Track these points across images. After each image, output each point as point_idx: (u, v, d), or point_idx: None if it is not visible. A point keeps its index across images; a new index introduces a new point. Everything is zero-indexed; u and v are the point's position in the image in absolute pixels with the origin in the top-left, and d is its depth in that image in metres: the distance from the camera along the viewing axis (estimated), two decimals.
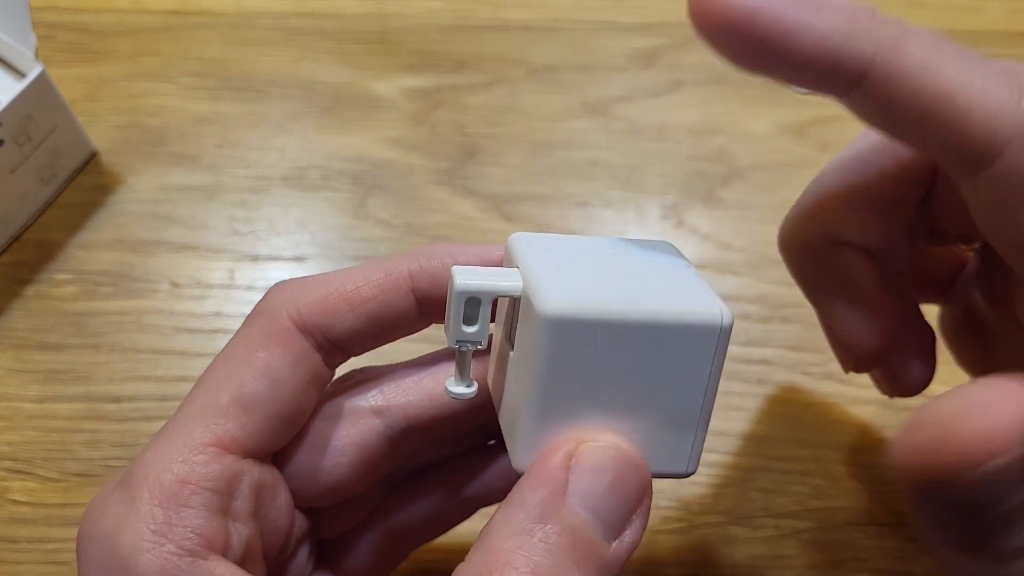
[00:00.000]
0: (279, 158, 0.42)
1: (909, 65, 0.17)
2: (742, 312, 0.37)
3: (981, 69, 0.18)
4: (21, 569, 0.31)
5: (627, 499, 0.18)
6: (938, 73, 0.17)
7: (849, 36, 0.17)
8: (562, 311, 0.17)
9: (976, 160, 0.18)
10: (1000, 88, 0.17)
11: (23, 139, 0.37)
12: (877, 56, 0.17)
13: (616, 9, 0.47)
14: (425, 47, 0.45)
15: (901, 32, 0.18)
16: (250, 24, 0.46)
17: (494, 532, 0.17)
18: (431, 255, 0.21)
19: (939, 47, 0.18)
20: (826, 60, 0.17)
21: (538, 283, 0.18)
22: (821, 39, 0.17)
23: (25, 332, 0.36)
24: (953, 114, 0.17)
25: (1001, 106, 0.17)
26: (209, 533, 0.18)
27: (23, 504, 0.32)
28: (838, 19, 0.17)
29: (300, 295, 0.21)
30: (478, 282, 0.19)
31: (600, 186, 0.41)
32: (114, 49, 0.45)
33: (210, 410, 0.20)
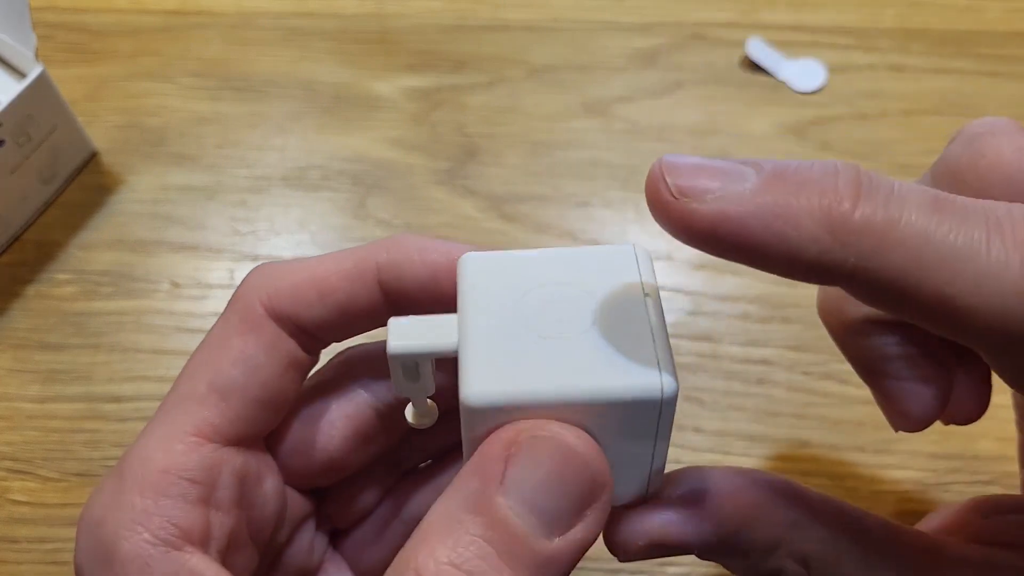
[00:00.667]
0: (279, 158, 0.42)
1: (897, 267, 0.15)
2: (742, 312, 0.37)
3: (988, 245, 0.15)
4: (21, 569, 0.31)
5: (570, 494, 0.17)
6: (934, 270, 0.15)
7: (824, 245, 0.15)
8: (481, 400, 0.17)
9: (997, 347, 0.16)
10: (1014, 270, 0.15)
11: (23, 139, 0.37)
12: (858, 267, 0.16)
13: (616, 9, 0.47)
14: (425, 47, 0.45)
15: (890, 223, 0.15)
16: (250, 24, 0.46)
17: (428, 518, 0.17)
18: (400, 249, 0.21)
19: (937, 229, 0.15)
20: (803, 268, 0.16)
21: (466, 356, 0.18)
22: (791, 253, 0.16)
23: (25, 332, 0.36)
24: (960, 313, 0.16)
25: (1015, 295, 0.15)
26: (186, 524, 0.19)
27: (23, 504, 0.32)
28: (810, 225, 0.15)
29: (272, 281, 0.21)
30: (411, 344, 0.18)
31: (600, 186, 0.41)
32: (114, 49, 0.45)
33: (189, 398, 0.20)
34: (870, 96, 0.44)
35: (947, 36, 0.46)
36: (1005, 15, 0.46)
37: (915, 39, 0.46)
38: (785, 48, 0.45)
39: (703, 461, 0.33)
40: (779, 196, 0.15)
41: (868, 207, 0.15)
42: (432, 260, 0.21)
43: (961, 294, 0.15)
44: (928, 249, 0.15)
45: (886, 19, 0.47)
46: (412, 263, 0.21)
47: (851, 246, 0.15)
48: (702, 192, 0.16)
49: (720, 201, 0.15)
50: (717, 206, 0.15)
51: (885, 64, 0.45)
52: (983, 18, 0.46)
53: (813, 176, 0.16)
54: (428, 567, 0.16)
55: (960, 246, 0.15)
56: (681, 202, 0.16)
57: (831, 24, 0.46)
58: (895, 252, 0.15)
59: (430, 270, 0.21)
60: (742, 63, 0.45)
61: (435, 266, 0.20)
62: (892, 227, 0.15)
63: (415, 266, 0.21)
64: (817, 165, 0.16)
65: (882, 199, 0.15)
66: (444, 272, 0.20)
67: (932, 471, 0.33)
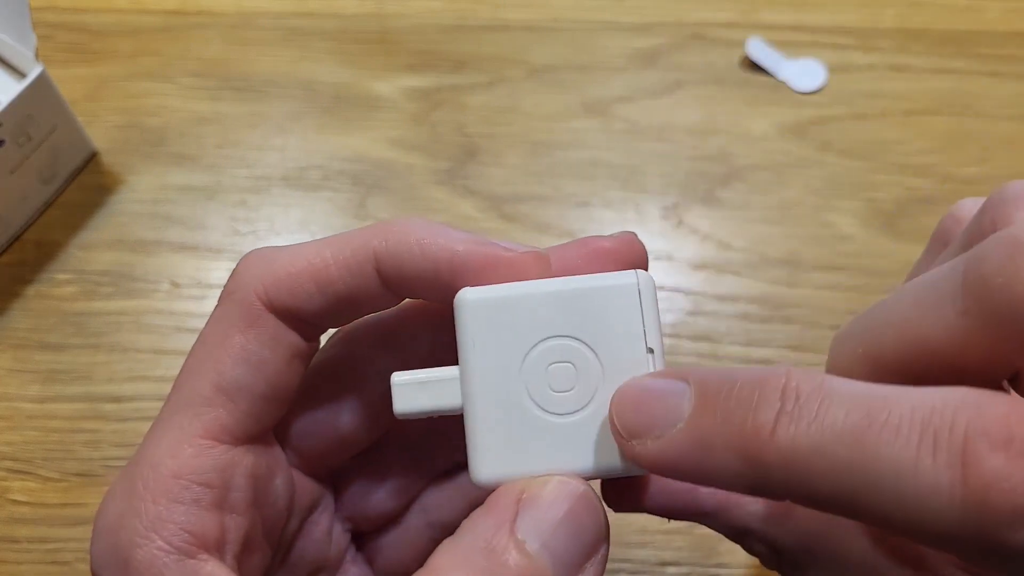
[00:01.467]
0: (279, 158, 0.42)
1: (822, 495, 0.15)
2: (742, 312, 0.37)
3: (918, 461, 0.14)
4: (21, 569, 0.31)
5: (581, 537, 0.17)
6: (859, 496, 0.15)
7: (749, 482, 0.16)
8: (491, 479, 0.18)
9: (942, 548, 0.16)
10: (944, 490, 0.14)
11: (23, 139, 0.37)
12: (787, 493, 0.16)
13: (616, 9, 0.47)
14: (425, 47, 0.45)
15: (811, 450, 0.15)
16: (250, 24, 0.46)
17: (439, 558, 0.17)
18: (400, 239, 0.20)
19: (863, 450, 0.15)
20: (742, 492, 0.16)
21: (473, 435, 0.18)
22: (727, 485, 0.16)
23: (25, 332, 0.36)
24: (900, 531, 0.15)
25: (947, 513, 0.14)
26: (200, 530, 0.18)
27: (23, 504, 0.32)
28: (731, 460, 0.16)
29: (268, 272, 0.20)
30: (416, 406, 0.19)
31: (600, 186, 0.41)
32: (114, 49, 0.45)
33: (194, 400, 0.19)
34: (870, 96, 0.44)
35: (947, 36, 0.46)
36: (1005, 15, 0.46)
37: (915, 39, 0.46)
38: (785, 48, 0.45)
39: None
40: (705, 431, 0.16)
41: (787, 433, 0.15)
42: (433, 254, 0.20)
43: (893, 516, 0.15)
44: (852, 475, 0.15)
45: (886, 19, 0.47)
46: (412, 256, 0.20)
47: (773, 477, 0.15)
48: (645, 431, 0.17)
49: (657, 442, 0.17)
50: (655, 447, 0.17)
51: (885, 64, 0.45)
52: (983, 18, 0.46)
53: (737, 398, 0.16)
54: None
55: (886, 469, 0.14)
56: (631, 444, 0.17)
57: (831, 24, 0.46)
58: (819, 480, 0.15)
59: (430, 265, 0.20)
60: (742, 63, 0.45)
61: (436, 261, 0.20)
62: (813, 455, 0.15)
63: (415, 259, 0.20)
64: (745, 381, 0.16)
65: (804, 420, 0.15)
66: (445, 267, 0.20)
67: None
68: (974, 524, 0.14)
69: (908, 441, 0.15)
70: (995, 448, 0.14)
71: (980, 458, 0.14)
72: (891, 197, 0.41)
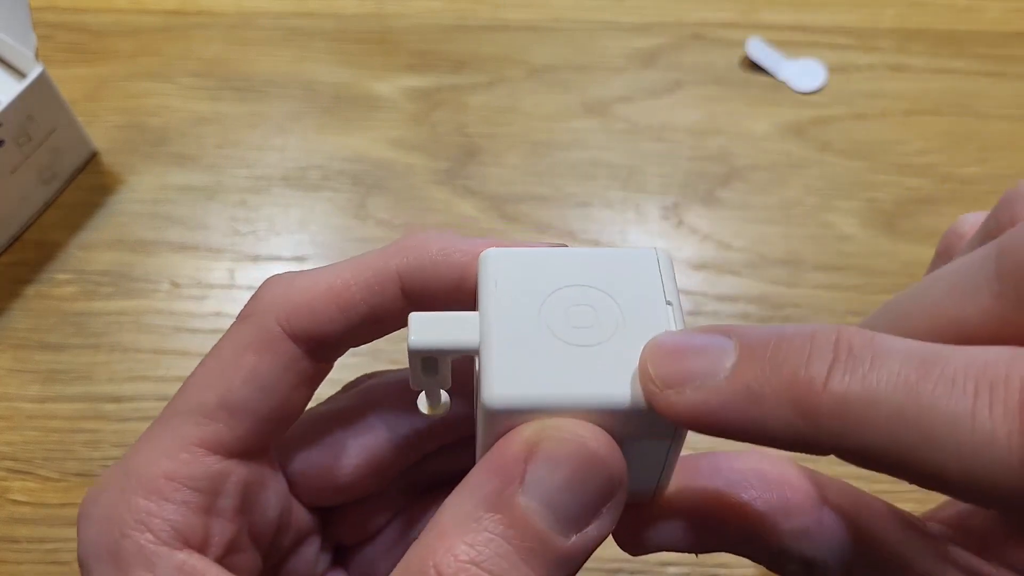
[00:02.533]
0: (279, 158, 0.42)
1: (876, 446, 0.15)
2: (742, 312, 0.37)
3: (974, 412, 0.14)
4: (21, 569, 0.31)
5: (589, 493, 0.17)
6: (915, 449, 0.15)
7: (798, 429, 0.15)
8: (502, 402, 0.17)
9: (999, 507, 0.16)
10: (1001, 441, 0.14)
11: (23, 139, 0.37)
12: (837, 447, 0.15)
13: (616, 9, 0.47)
14: (425, 47, 0.45)
15: (864, 402, 0.15)
16: (250, 24, 0.46)
17: (444, 514, 0.17)
18: (421, 251, 0.20)
19: (917, 400, 0.15)
20: (784, 447, 0.16)
21: (487, 358, 0.18)
22: (768, 437, 0.16)
23: (25, 332, 0.36)
24: (951, 487, 0.15)
25: (1004, 466, 0.14)
26: (186, 529, 0.19)
27: (23, 504, 0.32)
28: (781, 411, 0.15)
29: (289, 298, 0.20)
30: (432, 340, 0.18)
31: (600, 186, 0.41)
32: (114, 49, 0.45)
33: (197, 410, 0.20)
34: (870, 96, 0.44)
35: (947, 36, 0.46)
36: (1005, 15, 0.46)
37: (915, 39, 0.46)
38: (785, 48, 0.45)
39: None
40: (752, 381, 0.16)
41: (841, 383, 0.15)
42: (457, 261, 0.20)
43: (947, 469, 0.15)
44: (907, 427, 0.15)
45: (886, 19, 0.47)
46: (436, 266, 0.20)
47: (824, 429, 0.15)
48: (682, 381, 0.16)
49: (698, 392, 0.16)
50: (695, 397, 0.16)
51: (885, 64, 0.45)
52: (983, 18, 0.46)
53: (788, 350, 0.16)
54: (448, 565, 0.16)
55: (941, 420, 0.14)
56: (664, 394, 0.16)
57: (831, 24, 0.46)
58: (872, 432, 0.15)
59: (456, 272, 0.20)
60: (742, 63, 0.45)
61: (461, 267, 0.20)
62: (867, 406, 0.15)
63: (439, 268, 0.20)
64: (794, 334, 0.16)
65: (859, 371, 0.15)
66: (471, 272, 0.20)
67: None
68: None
69: (964, 392, 0.14)
70: None
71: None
72: (891, 197, 0.41)
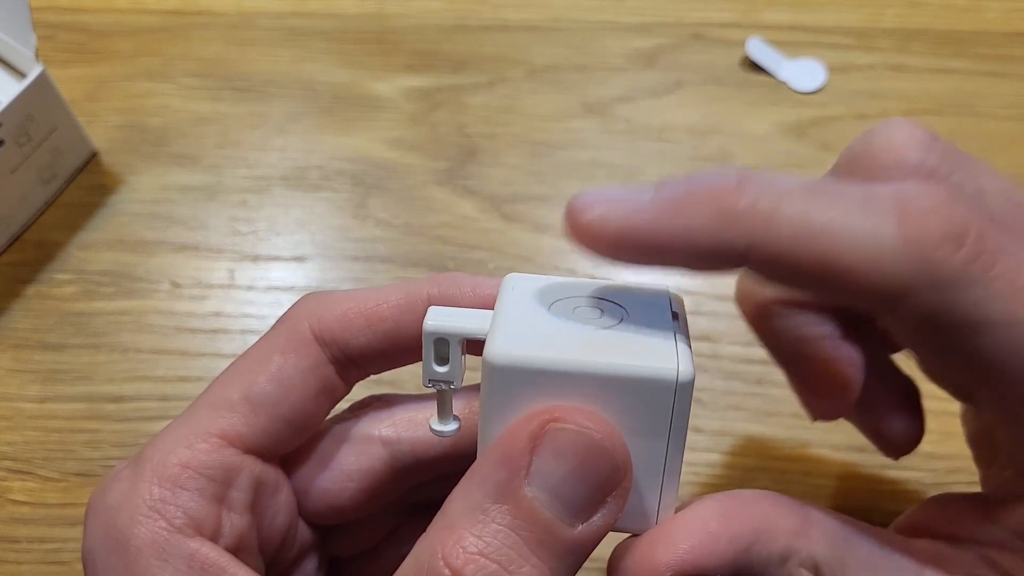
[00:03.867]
0: (279, 158, 0.42)
1: (784, 241, 0.17)
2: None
3: (864, 213, 0.17)
4: (21, 569, 0.31)
5: (594, 483, 0.17)
6: (816, 238, 0.17)
7: (717, 231, 0.18)
8: (504, 360, 0.18)
9: (885, 305, 0.18)
10: (887, 230, 0.17)
11: (23, 139, 0.37)
12: (752, 242, 0.18)
13: (616, 9, 0.47)
14: (425, 47, 0.45)
15: (772, 204, 0.18)
16: (250, 24, 0.46)
17: (451, 505, 0.17)
18: (452, 283, 0.21)
19: (814, 207, 0.18)
20: (706, 256, 0.18)
21: (496, 328, 0.18)
22: (695, 241, 0.18)
23: (25, 332, 0.36)
24: (845, 275, 0.17)
25: (891, 252, 0.17)
26: (200, 516, 0.19)
27: (23, 504, 0.32)
28: (703, 217, 0.18)
29: (323, 307, 0.21)
30: (445, 323, 0.19)
31: (600, 186, 0.41)
32: (114, 49, 0.45)
33: (220, 403, 0.20)
34: (870, 96, 0.44)
35: (947, 36, 0.46)
36: (1005, 15, 0.46)
37: (915, 39, 0.46)
38: (785, 48, 0.45)
39: (703, 461, 0.33)
40: (674, 199, 0.18)
41: (751, 195, 0.18)
42: (485, 294, 0.21)
43: (842, 258, 0.17)
44: (808, 222, 0.17)
45: (886, 19, 0.47)
46: (465, 297, 0.21)
47: (740, 229, 0.18)
48: (609, 208, 0.18)
49: (624, 209, 0.18)
50: (622, 214, 0.18)
51: (885, 64, 0.45)
52: (983, 18, 0.46)
53: (701, 179, 0.18)
54: (457, 556, 0.16)
55: (837, 217, 0.17)
56: (589, 221, 0.18)
57: (831, 24, 0.46)
58: (780, 229, 0.17)
59: (483, 303, 0.21)
60: (742, 63, 0.45)
61: (488, 299, 0.21)
62: (775, 209, 0.17)
63: (467, 300, 0.21)
64: (705, 172, 0.18)
65: (764, 188, 0.18)
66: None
67: (931, 471, 0.33)
68: (914, 256, 0.17)
69: (852, 199, 0.18)
70: (922, 195, 0.17)
71: (912, 203, 0.17)
72: None
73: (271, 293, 0.38)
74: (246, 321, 0.37)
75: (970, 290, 0.17)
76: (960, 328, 0.18)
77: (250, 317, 0.37)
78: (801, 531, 0.20)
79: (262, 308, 0.37)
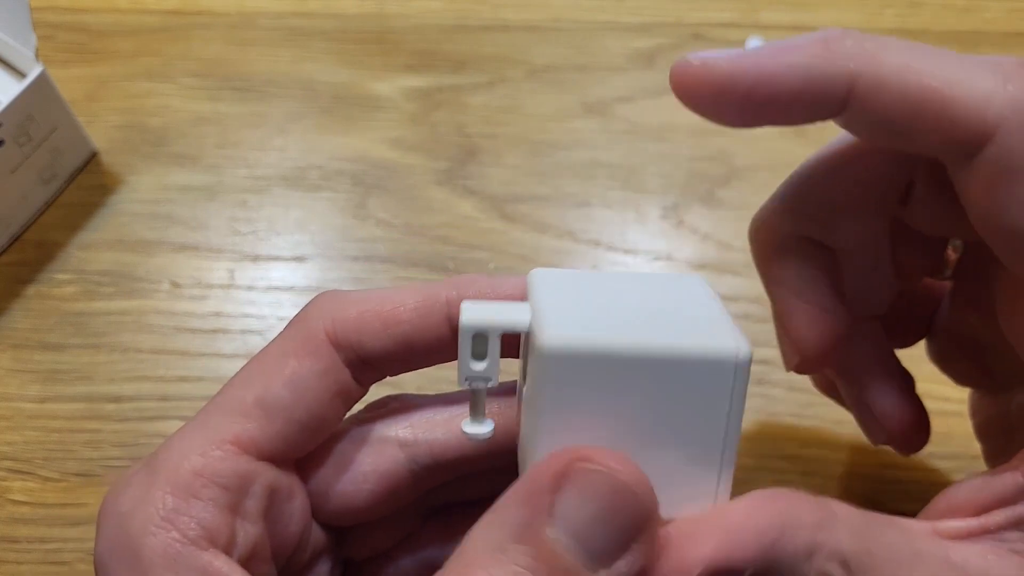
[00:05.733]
0: (279, 158, 0.42)
1: (891, 71, 0.19)
2: (742, 312, 0.37)
3: (963, 63, 0.19)
4: (21, 569, 0.31)
5: (619, 527, 0.17)
6: (921, 73, 0.19)
7: (827, 61, 0.19)
8: (560, 345, 0.17)
9: (970, 145, 0.19)
10: (984, 76, 0.18)
11: (23, 139, 0.37)
12: (858, 71, 0.19)
13: (616, 9, 0.47)
14: (425, 47, 0.45)
15: (877, 45, 0.19)
16: (250, 24, 0.46)
17: (471, 543, 0.17)
18: (470, 285, 0.21)
19: (917, 51, 0.19)
20: (813, 90, 0.19)
21: (542, 317, 0.18)
22: (803, 73, 0.19)
23: (25, 332, 0.36)
24: (942, 107, 0.18)
25: (987, 90, 0.18)
26: (213, 527, 0.19)
27: (23, 504, 0.32)
28: (812, 49, 0.19)
29: (338, 309, 0.21)
30: (483, 317, 0.19)
31: (600, 186, 0.41)
32: (114, 49, 0.45)
33: (234, 408, 0.20)
34: None
35: (947, 36, 0.46)
36: (1005, 15, 0.46)
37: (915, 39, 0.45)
38: None
39: None
40: (780, 45, 0.19)
41: (856, 37, 0.19)
42: (506, 293, 0.21)
43: (944, 89, 0.18)
44: (912, 60, 0.19)
45: (886, 19, 0.47)
46: (484, 296, 0.21)
47: (847, 60, 0.19)
48: (716, 56, 0.20)
49: (731, 55, 0.19)
50: (729, 58, 0.19)
51: None
52: (983, 18, 0.46)
53: (804, 35, 0.19)
54: None
55: (938, 56, 0.19)
56: (700, 67, 0.20)
57: (831, 24, 0.46)
58: (886, 60, 0.19)
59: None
60: None
61: (511, 299, 0.21)
62: (880, 48, 0.19)
63: (487, 298, 0.21)
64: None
65: (868, 36, 0.19)
66: (519, 299, 0.20)
67: (932, 471, 0.33)
68: (1011, 97, 0.18)
69: (952, 55, 0.19)
70: (1019, 64, 0.19)
71: (1009, 66, 0.19)
72: None
73: (271, 293, 0.38)
74: (246, 321, 0.37)
75: None
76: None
77: (250, 317, 0.37)
78: (824, 524, 0.19)
79: (262, 308, 0.37)
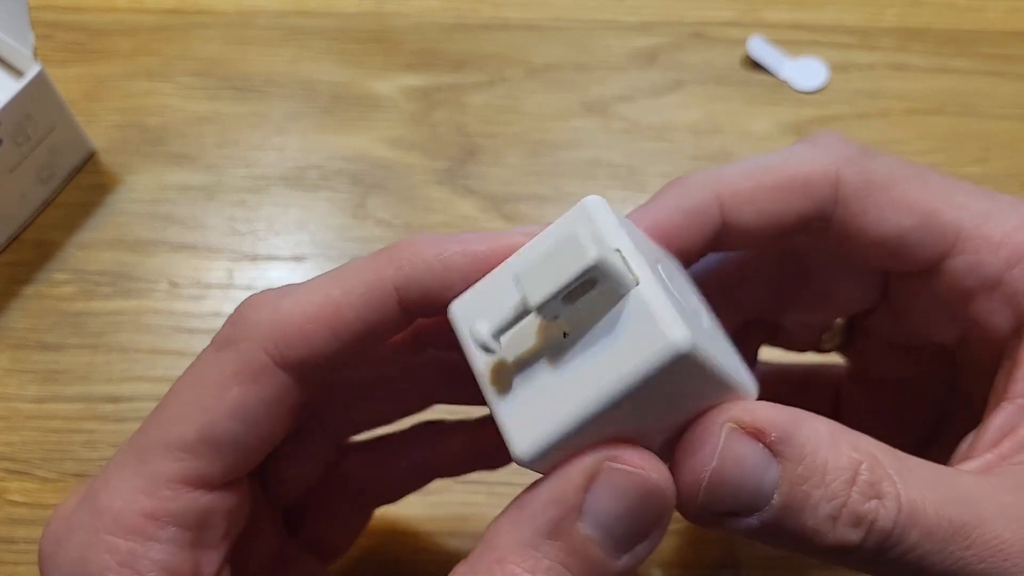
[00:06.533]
0: (279, 158, 0.42)
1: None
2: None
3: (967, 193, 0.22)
4: (19, 570, 0.31)
5: (645, 521, 0.17)
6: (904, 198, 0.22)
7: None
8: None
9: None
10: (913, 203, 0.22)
11: (22, 139, 0.37)
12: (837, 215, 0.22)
13: (616, 9, 0.47)
14: (425, 47, 0.45)
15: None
16: (250, 24, 0.46)
17: (501, 538, 0.17)
18: (415, 259, 0.19)
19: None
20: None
21: (655, 299, 0.17)
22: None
23: (24, 332, 0.36)
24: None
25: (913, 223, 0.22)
26: (175, 566, 0.18)
27: (21, 504, 0.32)
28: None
29: (277, 323, 0.19)
30: (551, 283, 0.17)
31: (600, 186, 0.41)
32: (113, 48, 0.45)
33: (175, 445, 0.19)
34: (871, 95, 0.44)
35: (948, 35, 0.46)
36: (1006, 15, 0.46)
37: (916, 38, 0.46)
38: (786, 47, 0.45)
39: None
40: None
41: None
42: (456, 264, 0.19)
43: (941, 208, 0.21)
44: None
45: (887, 18, 0.46)
46: (432, 272, 0.19)
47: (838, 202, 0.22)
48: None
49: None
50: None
51: (886, 63, 0.45)
52: (984, 18, 0.46)
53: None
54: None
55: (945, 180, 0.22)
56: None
57: (832, 23, 0.46)
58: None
59: (458, 275, 0.19)
60: (743, 62, 0.45)
61: (461, 270, 0.19)
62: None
63: (438, 276, 0.19)
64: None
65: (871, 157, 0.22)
66: (471, 272, 0.19)
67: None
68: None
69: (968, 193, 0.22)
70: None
71: None
72: None
73: None
74: None
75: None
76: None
77: None
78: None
79: None
